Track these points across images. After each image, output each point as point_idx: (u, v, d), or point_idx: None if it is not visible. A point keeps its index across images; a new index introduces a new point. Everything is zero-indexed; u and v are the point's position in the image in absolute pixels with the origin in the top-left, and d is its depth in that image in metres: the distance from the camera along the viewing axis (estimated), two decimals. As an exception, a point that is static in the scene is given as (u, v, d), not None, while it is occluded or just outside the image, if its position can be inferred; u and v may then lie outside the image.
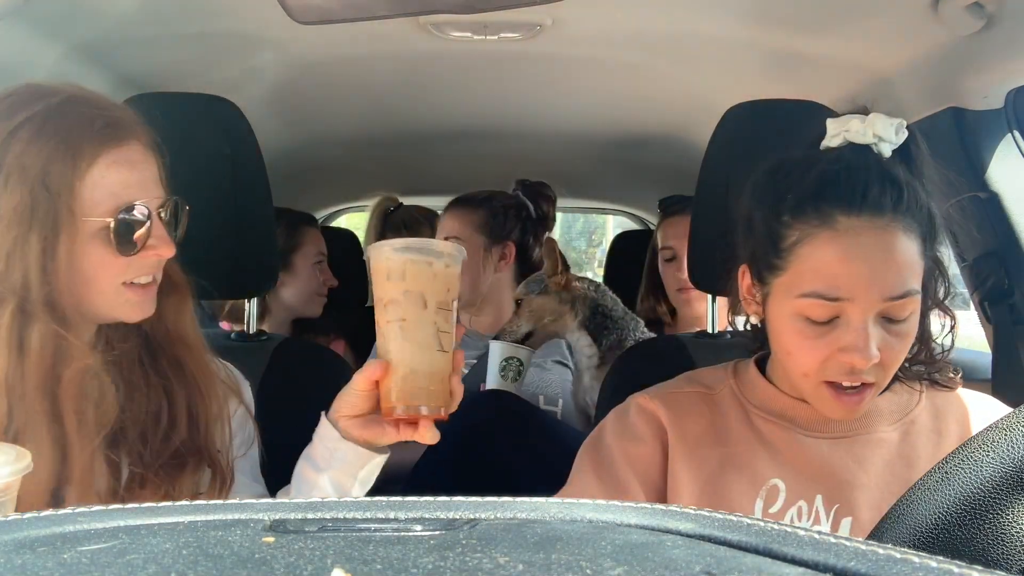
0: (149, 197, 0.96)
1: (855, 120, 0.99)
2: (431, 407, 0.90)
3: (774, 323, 1.01)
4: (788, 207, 0.97)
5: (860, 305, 0.93)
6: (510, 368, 1.78)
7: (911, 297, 0.94)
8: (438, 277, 0.88)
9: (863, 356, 0.92)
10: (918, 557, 0.36)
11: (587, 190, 3.28)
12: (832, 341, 0.94)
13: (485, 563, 0.36)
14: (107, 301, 0.96)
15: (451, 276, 0.89)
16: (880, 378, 0.97)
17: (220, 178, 1.34)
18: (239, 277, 1.39)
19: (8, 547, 0.39)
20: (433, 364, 0.89)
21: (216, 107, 1.37)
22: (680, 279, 2.04)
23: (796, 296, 0.96)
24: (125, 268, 0.95)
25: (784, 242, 0.97)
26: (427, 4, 1.02)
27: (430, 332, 0.88)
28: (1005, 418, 0.63)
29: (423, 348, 0.88)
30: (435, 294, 0.88)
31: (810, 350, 0.96)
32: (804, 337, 0.96)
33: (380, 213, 2.69)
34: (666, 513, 0.42)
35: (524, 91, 2.03)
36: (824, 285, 0.94)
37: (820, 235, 0.94)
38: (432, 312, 0.88)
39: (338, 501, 0.45)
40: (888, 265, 0.93)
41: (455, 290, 0.90)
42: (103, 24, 1.45)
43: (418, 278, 0.88)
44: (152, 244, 0.96)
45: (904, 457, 1.03)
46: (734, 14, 1.51)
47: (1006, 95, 1.46)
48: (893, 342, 0.95)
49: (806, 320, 0.96)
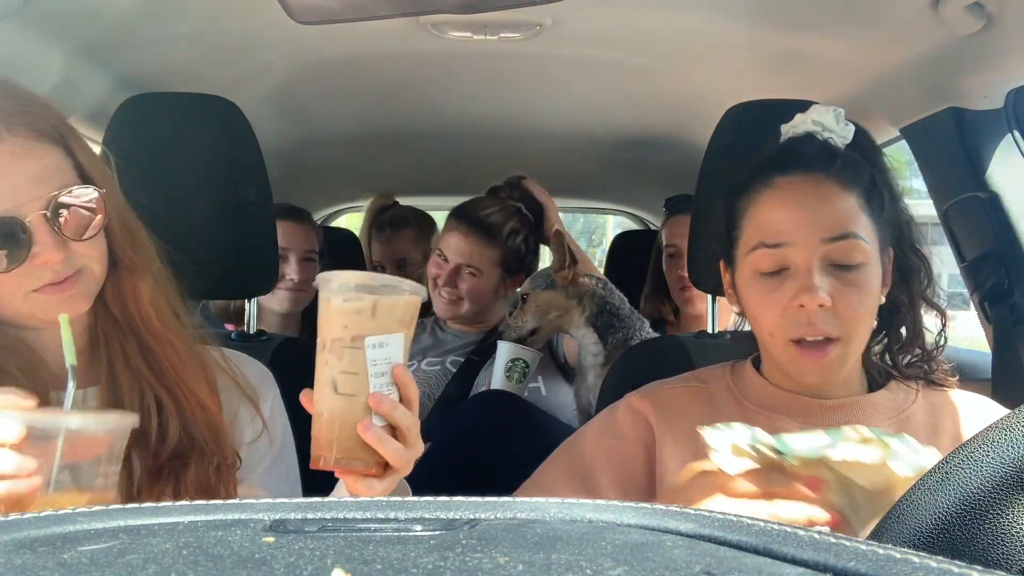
0: (24, 201, 0.86)
1: (798, 115, 1.08)
2: (339, 459, 0.81)
3: (741, 294, 1.07)
4: (739, 188, 1.07)
5: (801, 249, 0.99)
6: (515, 369, 1.77)
7: (853, 240, 0.99)
8: (331, 313, 0.82)
9: (811, 296, 0.97)
10: (918, 557, 0.36)
11: (587, 190, 3.28)
12: (785, 292, 1.00)
13: (485, 563, 0.36)
14: (20, 310, 0.90)
15: (348, 313, 0.81)
16: (843, 331, 0.99)
17: (220, 178, 1.33)
18: (239, 277, 1.39)
19: (8, 547, 0.39)
20: (328, 408, 0.81)
21: (216, 107, 1.37)
22: (683, 277, 2.05)
23: (747, 254, 1.03)
24: (20, 280, 0.87)
25: (736, 214, 1.07)
26: (427, 4, 1.02)
27: (325, 372, 0.81)
28: (1005, 418, 0.63)
29: (320, 388, 0.82)
30: (329, 331, 0.82)
31: (768, 305, 1.01)
32: (760, 294, 1.02)
33: (373, 210, 2.68)
34: (666, 513, 0.42)
35: (524, 91, 2.03)
36: (765, 233, 1.02)
37: (762, 194, 1.04)
38: (327, 351, 0.81)
39: (338, 501, 0.45)
40: (822, 208, 1.00)
41: (361, 327, 0.81)
42: (103, 24, 1.45)
43: (318, 314, 0.83)
44: (36, 252, 0.87)
45: None
46: (734, 14, 1.50)
47: (1006, 95, 1.46)
48: (847, 291, 0.99)
49: (759, 276, 1.02)
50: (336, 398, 0.81)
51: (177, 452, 0.96)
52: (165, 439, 0.95)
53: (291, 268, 2.14)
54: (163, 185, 1.22)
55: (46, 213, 0.87)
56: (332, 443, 0.81)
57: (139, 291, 0.98)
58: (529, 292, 1.79)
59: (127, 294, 0.97)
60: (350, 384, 0.81)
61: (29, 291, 0.88)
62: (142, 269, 0.99)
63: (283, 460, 1.12)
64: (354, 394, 0.81)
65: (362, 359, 0.81)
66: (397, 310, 0.82)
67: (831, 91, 1.64)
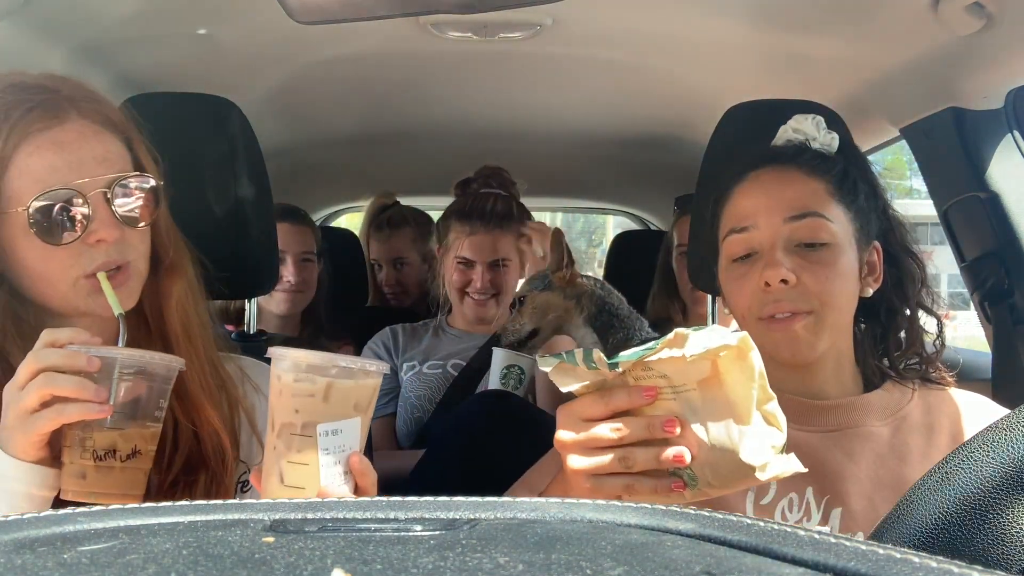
0: (85, 178, 0.89)
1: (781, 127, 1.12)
2: None
3: (722, 285, 1.11)
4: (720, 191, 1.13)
5: (765, 230, 1.03)
6: (511, 376, 1.77)
7: (816, 219, 1.02)
8: (283, 395, 0.74)
9: (774, 271, 1.00)
10: (918, 557, 0.36)
11: (587, 190, 3.28)
12: (754, 274, 1.03)
13: (485, 563, 0.36)
14: (67, 296, 0.91)
15: (302, 394, 0.73)
16: (812, 305, 1.01)
17: (220, 178, 1.33)
18: (239, 277, 1.39)
19: (8, 547, 0.39)
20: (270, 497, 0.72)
21: (216, 107, 1.37)
22: None
23: (721, 243, 1.09)
24: (72, 259, 0.89)
25: (717, 215, 1.12)
26: (427, 4, 1.02)
27: (271, 459, 0.75)
28: (1005, 418, 0.63)
29: (267, 477, 0.75)
30: (280, 414, 0.74)
31: (740, 288, 1.05)
32: (734, 279, 1.07)
33: (373, 209, 2.67)
34: (666, 513, 0.42)
35: (524, 91, 2.03)
36: (734, 220, 1.07)
37: (734, 189, 1.09)
38: (275, 436, 0.74)
39: (338, 501, 0.45)
40: (784, 189, 1.05)
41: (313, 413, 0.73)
42: (103, 24, 1.45)
43: (270, 393, 0.76)
44: (93, 229, 0.89)
45: (895, 451, 1.04)
46: (734, 14, 1.51)
47: (1006, 95, 1.46)
48: (814, 268, 1.01)
49: (732, 262, 1.07)
50: (281, 489, 0.74)
51: (189, 466, 0.95)
52: (178, 450, 0.95)
53: (288, 270, 2.13)
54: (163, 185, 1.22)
55: (106, 192, 0.90)
56: None
57: (173, 293, 0.99)
58: (526, 294, 1.78)
59: (163, 296, 0.99)
60: (299, 476, 0.73)
61: (80, 276, 0.90)
62: (180, 272, 1.01)
63: None
64: (302, 487, 0.73)
65: (313, 449, 0.73)
66: (354, 394, 0.75)
67: (831, 91, 1.64)
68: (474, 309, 1.97)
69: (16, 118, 0.87)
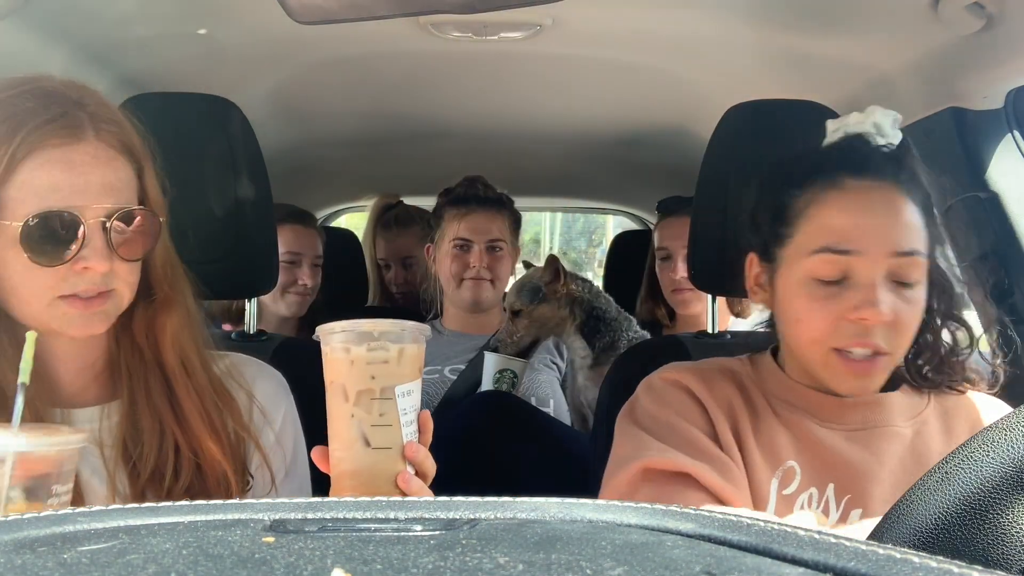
0: (88, 204, 0.86)
1: (854, 113, 1.04)
2: None
3: (783, 295, 1.02)
4: (796, 180, 1.01)
5: (869, 260, 0.95)
6: (503, 380, 1.79)
7: (917, 258, 0.97)
8: (356, 364, 0.78)
9: (875, 310, 0.93)
10: (918, 557, 0.36)
11: (587, 190, 3.28)
12: (842, 302, 0.95)
13: (485, 563, 0.36)
14: (38, 315, 0.87)
15: (377, 361, 0.78)
16: (893, 346, 0.96)
17: (220, 178, 1.33)
18: (239, 277, 1.39)
19: (8, 547, 0.39)
20: (360, 463, 0.78)
21: (216, 107, 1.37)
22: (674, 280, 2.05)
23: (806, 256, 0.98)
24: (53, 281, 0.86)
25: (791, 210, 1.01)
26: (427, 4, 1.02)
27: (353, 427, 0.78)
28: (1005, 418, 0.63)
29: (347, 446, 0.79)
30: (355, 383, 0.78)
31: (820, 312, 0.97)
32: (814, 299, 0.97)
33: (377, 210, 2.68)
34: (666, 513, 0.42)
35: (524, 91, 2.03)
36: (834, 238, 0.96)
37: (828, 195, 0.98)
38: (352, 405, 0.78)
39: (338, 501, 0.45)
40: (894, 221, 0.97)
41: (388, 377, 0.78)
42: (103, 24, 1.45)
43: (335, 367, 0.79)
44: (84, 256, 0.86)
45: (916, 453, 1.03)
46: (735, 14, 1.50)
47: (1006, 95, 1.46)
48: (904, 308, 0.96)
49: (816, 281, 0.97)
50: (369, 453, 0.78)
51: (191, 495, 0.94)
52: (179, 480, 0.94)
53: (304, 273, 2.14)
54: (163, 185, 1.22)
55: (105, 222, 0.87)
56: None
57: (167, 327, 0.97)
58: (522, 308, 1.81)
59: (156, 328, 0.97)
60: (384, 437, 0.79)
61: (56, 296, 0.87)
62: (175, 305, 0.98)
63: (295, 475, 1.10)
64: (389, 447, 0.79)
65: (394, 410, 0.79)
66: (419, 357, 0.81)
67: (831, 91, 1.64)
68: (472, 290, 1.95)
69: (31, 128, 0.84)
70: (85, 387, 0.96)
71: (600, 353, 1.80)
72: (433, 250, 2.05)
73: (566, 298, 1.82)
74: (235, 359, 1.08)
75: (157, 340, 0.97)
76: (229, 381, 1.03)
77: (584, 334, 1.82)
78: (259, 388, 1.07)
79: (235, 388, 1.04)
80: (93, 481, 0.92)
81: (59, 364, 0.94)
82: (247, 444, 1.01)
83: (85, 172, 0.86)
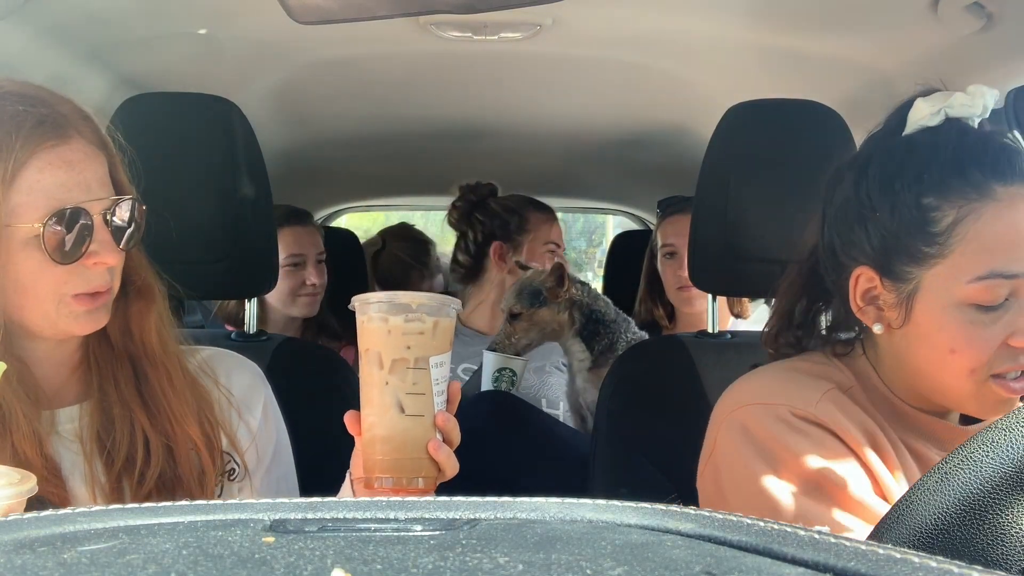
0: (91, 199, 0.88)
1: (958, 95, 0.92)
2: (398, 478, 0.82)
3: (925, 320, 0.89)
4: (928, 187, 0.88)
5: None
6: (503, 379, 1.79)
7: None
8: (393, 333, 0.81)
9: None
10: (918, 557, 0.36)
11: (587, 190, 3.27)
12: (1006, 325, 0.85)
13: (485, 563, 0.36)
14: (48, 314, 0.89)
15: (413, 332, 0.81)
16: None
17: (220, 178, 1.33)
18: (239, 277, 1.39)
19: (8, 547, 0.39)
20: (393, 429, 0.81)
21: (216, 107, 1.37)
22: (681, 277, 2.05)
23: (967, 282, 0.86)
24: (66, 278, 0.88)
25: (936, 226, 0.87)
26: (427, 4, 1.02)
27: (387, 394, 0.81)
28: (1005, 418, 0.62)
29: (381, 412, 0.82)
30: (391, 352, 0.81)
31: (982, 341, 0.86)
32: (975, 327, 0.86)
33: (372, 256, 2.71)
34: (666, 513, 0.42)
35: (524, 91, 2.03)
36: (1002, 261, 0.85)
37: (984, 210, 0.86)
38: (387, 372, 0.81)
39: (338, 501, 0.45)
40: None
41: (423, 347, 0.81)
42: (103, 24, 1.45)
43: (372, 336, 0.82)
44: (94, 251, 0.88)
45: None
46: (734, 14, 1.50)
47: (1006, 95, 1.46)
48: None
49: (976, 308, 0.86)
50: (403, 419, 0.82)
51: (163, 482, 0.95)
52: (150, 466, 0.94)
53: (311, 273, 2.14)
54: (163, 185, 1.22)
55: (106, 216, 0.90)
56: (394, 463, 0.82)
57: (146, 315, 0.98)
58: (522, 311, 1.81)
59: (132, 317, 0.98)
60: (417, 404, 0.82)
61: (67, 295, 0.88)
62: (152, 294, 1.00)
63: (279, 463, 1.11)
64: (422, 414, 0.82)
65: (427, 379, 0.82)
66: (450, 330, 0.84)
67: (831, 91, 1.64)
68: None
69: (28, 130, 0.85)
70: (63, 385, 0.97)
71: (599, 355, 1.80)
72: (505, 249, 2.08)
73: (566, 302, 1.82)
74: (210, 352, 1.08)
75: (131, 329, 0.98)
76: (202, 375, 1.04)
77: (583, 337, 1.82)
78: (236, 380, 1.07)
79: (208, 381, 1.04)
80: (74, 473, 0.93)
81: (37, 366, 0.94)
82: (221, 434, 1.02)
83: (82, 169, 0.88)
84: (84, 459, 0.94)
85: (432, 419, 0.83)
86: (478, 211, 2.12)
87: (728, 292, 1.62)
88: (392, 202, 3.57)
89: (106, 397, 0.96)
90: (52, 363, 0.96)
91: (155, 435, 0.95)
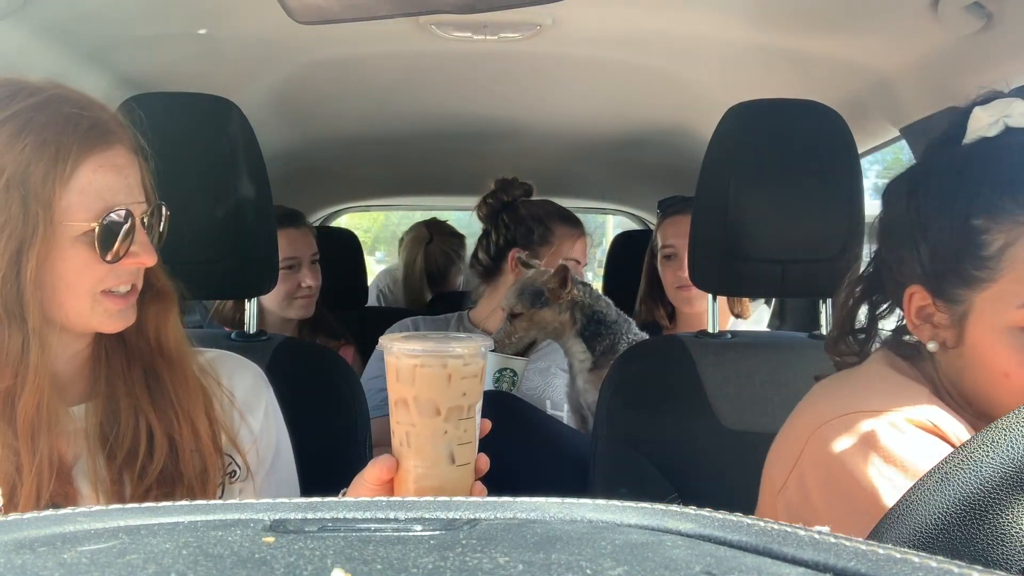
0: (134, 202, 0.93)
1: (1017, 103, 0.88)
2: None
3: (978, 343, 0.88)
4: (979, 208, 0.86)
5: None
6: (504, 379, 1.79)
7: None
8: (453, 380, 0.76)
9: None
10: (918, 557, 0.36)
11: (587, 190, 3.28)
12: None
13: (485, 563, 0.36)
14: (83, 310, 0.92)
15: (469, 378, 0.77)
16: None
17: (220, 178, 1.33)
18: (239, 277, 1.39)
19: (8, 547, 0.39)
20: (445, 479, 0.77)
21: (216, 107, 1.37)
22: (681, 277, 2.05)
23: (1017, 307, 0.84)
24: (104, 276, 0.91)
25: (986, 249, 0.86)
26: (427, 4, 1.02)
27: (441, 444, 0.77)
28: (1005, 418, 0.62)
29: (433, 463, 0.77)
30: (448, 400, 0.77)
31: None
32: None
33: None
34: (666, 513, 0.42)
35: (524, 91, 2.04)
36: None
37: None
38: (443, 421, 0.77)
39: (338, 501, 0.45)
40: None
41: (475, 394, 0.78)
42: (103, 24, 1.45)
43: (429, 383, 0.76)
44: (134, 251, 0.92)
45: None
46: (734, 14, 1.51)
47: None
48: None
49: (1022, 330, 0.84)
50: (454, 470, 0.77)
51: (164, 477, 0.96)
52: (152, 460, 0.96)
53: (306, 275, 2.14)
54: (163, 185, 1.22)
55: (143, 219, 0.94)
56: None
57: (164, 316, 1.01)
58: (523, 311, 1.81)
59: (148, 318, 1.00)
60: (465, 453, 0.78)
61: (99, 292, 0.92)
62: (170, 296, 1.03)
63: (280, 466, 1.11)
64: (468, 462, 0.78)
65: (474, 427, 0.78)
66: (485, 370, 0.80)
67: (831, 91, 1.65)
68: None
69: (83, 133, 0.89)
70: (71, 382, 0.98)
71: (600, 356, 1.80)
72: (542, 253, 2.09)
73: (567, 303, 1.82)
74: (213, 354, 1.10)
75: (146, 329, 1.00)
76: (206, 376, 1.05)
77: (584, 338, 1.82)
78: (238, 382, 1.09)
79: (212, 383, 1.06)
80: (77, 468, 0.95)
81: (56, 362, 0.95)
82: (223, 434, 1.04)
83: (126, 174, 0.93)
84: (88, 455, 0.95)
85: (474, 466, 0.79)
86: (507, 212, 2.09)
87: (728, 292, 1.62)
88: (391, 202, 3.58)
89: (113, 392, 0.98)
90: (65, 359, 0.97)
91: (160, 429, 0.97)
